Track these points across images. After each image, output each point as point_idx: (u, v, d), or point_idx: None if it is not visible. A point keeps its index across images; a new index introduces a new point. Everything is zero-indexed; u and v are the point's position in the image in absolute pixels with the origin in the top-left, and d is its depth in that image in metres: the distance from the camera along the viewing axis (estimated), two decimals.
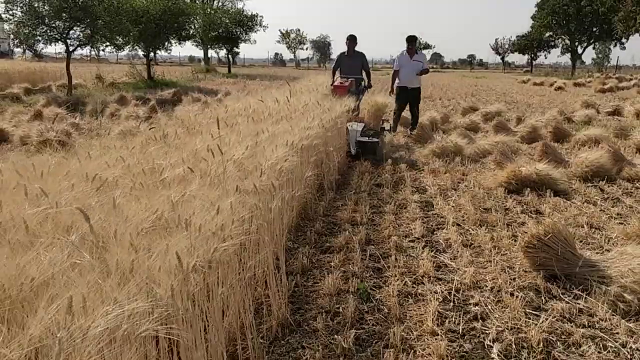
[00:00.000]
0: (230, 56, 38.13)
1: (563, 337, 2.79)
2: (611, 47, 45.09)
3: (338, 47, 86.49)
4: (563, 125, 9.58)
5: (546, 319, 2.93)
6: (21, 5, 13.48)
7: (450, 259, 3.84)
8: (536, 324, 2.87)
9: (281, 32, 66.95)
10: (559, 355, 2.61)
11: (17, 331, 1.31)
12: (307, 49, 70.81)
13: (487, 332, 2.83)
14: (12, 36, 50.37)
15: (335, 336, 2.73)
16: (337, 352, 2.60)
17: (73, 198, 2.27)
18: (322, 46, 73.06)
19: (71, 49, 15.06)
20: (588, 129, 9.09)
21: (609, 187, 5.88)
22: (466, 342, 2.74)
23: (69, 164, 2.97)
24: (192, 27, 21.83)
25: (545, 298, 3.22)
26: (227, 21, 32.33)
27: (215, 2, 32.93)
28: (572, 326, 2.88)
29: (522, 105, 15.51)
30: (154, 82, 19.69)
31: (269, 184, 2.92)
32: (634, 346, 2.70)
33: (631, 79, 26.38)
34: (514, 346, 2.68)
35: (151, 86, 18.42)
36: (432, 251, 3.95)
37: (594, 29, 38.83)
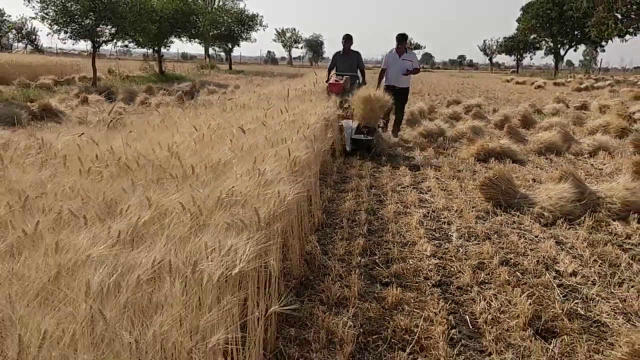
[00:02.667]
0: (227, 53, 39.81)
1: (498, 231, 4.42)
2: (597, 49, 47.06)
3: (330, 46, 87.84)
4: (531, 115, 11.26)
5: (489, 224, 4.57)
6: (55, 5, 14.99)
7: (430, 196, 5.47)
8: (482, 225, 4.51)
9: (277, 31, 68.63)
10: (494, 238, 4.24)
11: (223, 179, 2.87)
12: (302, 47, 72.52)
13: (450, 229, 4.46)
14: (14, 31, 51.67)
15: (355, 228, 4.36)
16: (356, 234, 4.21)
17: (209, 131, 3.85)
18: (314, 45, 74.75)
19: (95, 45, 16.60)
20: (552, 118, 10.79)
21: (557, 158, 7.53)
22: (436, 233, 4.37)
23: (182, 121, 4.56)
24: (201, 25, 23.35)
25: (491, 215, 4.86)
26: (230, 20, 34.00)
27: (216, 2, 34.53)
28: (505, 227, 4.52)
29: (502, 100, 17.23)
30: (166, 76, 21.26)
31: (311, 135, 4.52)
32: (541, 235, 4.32)
33: (607, 80, 28.25)
34: (466, 234, 4.31)
35: (163, 80, 19.96)
36: (417, 192, 5.58)
37: (576, 33, 40.91)
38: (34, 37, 51.25)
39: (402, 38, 8.81)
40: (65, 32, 15.51)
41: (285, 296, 2.99)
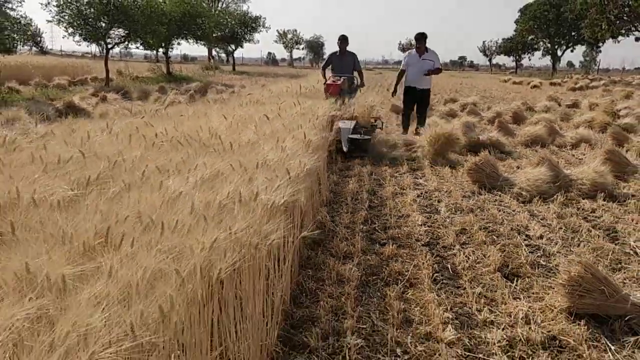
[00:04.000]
0: (227, 55, 40.67)
1: (481, 207, 5.14)
2: (594, 50, 47.97)
3: (331, 48, 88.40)
4: (523, 112, 11.98)
5: (473, 201, 5.30)
6: (71, 9, 15.77)
7: (424, 181, 6.19)
8: (468, 202, 5.23)
9: (279, 33, 69.52)
10: (477, 212, 4.96)
11: (256, 152, 3.59)
12: (303, 48, 73.42)
13: (439, 205, 5.18)
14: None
15: (358, 205, 5.09)
16: (359, 209, 4.94)
17: (234, 120, 4.58)
18: (315, 46, 75.56)
19: (106, 47, 17.39)
20: (541, 115, 11.52)
21: (541, 149, 8.25)
22: (428, 208, 5.10)
23: (211, 111, 5.28)
24: (207, 27, 24.11)
25: (476, 194, 5.58)
26: (233, 22, 34.84)
27: (220, 4, 35.36)
28: (487, 204, 5.24)
29: (497, 99, 17.95)
30: (173, 77, 22.04)
31: (320, 124, 5.24)
32: (517, 209, 5.04)
33: (602, 80, 28.98)
34: (453, 209, 5.03)
35: (171, 80, 20.73)
36: (412, 177, 6.31)
37: (573, 34, 41.77)
38: (38, 39, 52.00)
39: (421, 37, 8.64)
40: (80, 35, 16.31)
41: (304, 248, 3.73)
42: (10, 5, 12.20)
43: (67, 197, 2.23)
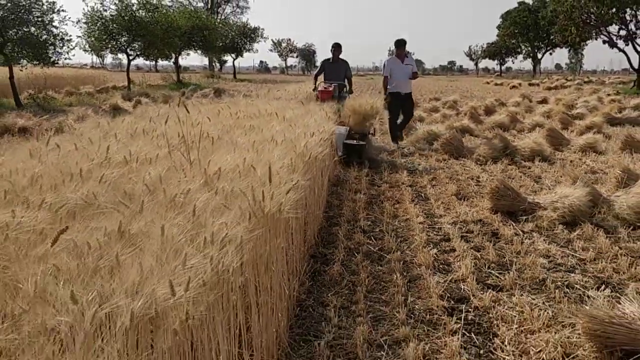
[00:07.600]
0: (221, 64, 42.82)
1: (449, 166, 7.19)
2: (572, 52, 50.57)
3: (323, 56, 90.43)
4: (494, 106, 14.09)
5: (443, 163, 7.36)
6: (97, 25, 17.84)
7: (408, 153, 8.25)
8: (439, 164, 7.30)
9: (273, 42, 71.90)
10: (445, 169, 7.01)
11: (299, 121, 5.59)
12: (297, 56, 75.77)
13: (419, 166, 7.23)
14: None
15: (362, 166, 7.14)
16: (363, 169, 6.98)
17: (274, 107, 6.60)
18: (307, 54, 77.89)
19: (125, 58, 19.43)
20: (510, 108, 13.64)
21: (503, 132, 10.33)
22: (411, 168, 7.15)
23: (255, 103, 7.31)
24: (212, 38, 26.23)
25: (446, 160, 7.64)
26: (234, 33, 37.06)
27: (219, 16, 37.50)
28: (453, 165, 7.29)
29: (477, 98, 20.09)
30: (183, 84, 24.07)
31: (331, 111, 7.28)
32: (474, 168, 7.10)
33: (577, 80, 31.33)
34: (428, 168, 7.09)
35: (181, 87, 22.71)
36: (400, 150, 8.37)
37: (551, 37, 44.35)
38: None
39: (401, 44, 8.97)
40: (106, 48, 18.31)
41: (330, 186, 5.76)
42: (54, 24, 14.17)
43: (217, 136, 4.24)
